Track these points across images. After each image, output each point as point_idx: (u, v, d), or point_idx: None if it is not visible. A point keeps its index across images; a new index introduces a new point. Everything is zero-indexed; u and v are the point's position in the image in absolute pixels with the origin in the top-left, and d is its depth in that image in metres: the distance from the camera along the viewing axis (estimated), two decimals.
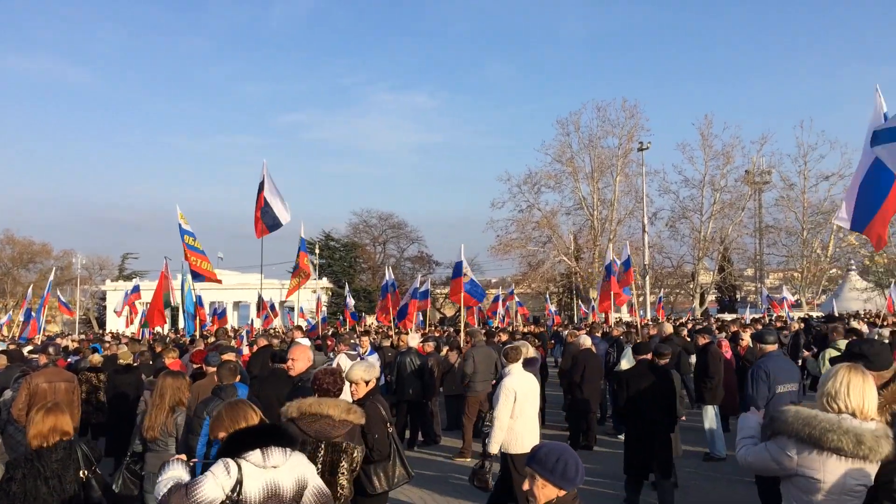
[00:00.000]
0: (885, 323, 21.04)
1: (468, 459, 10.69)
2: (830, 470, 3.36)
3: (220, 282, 18.78)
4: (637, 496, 7.91)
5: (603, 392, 13.01)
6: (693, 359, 12.54)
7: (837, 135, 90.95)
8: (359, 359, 10.36)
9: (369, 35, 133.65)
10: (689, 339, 14.51)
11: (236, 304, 64.86)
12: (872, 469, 3.37)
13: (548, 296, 43.40)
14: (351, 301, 29.41)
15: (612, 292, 19.25)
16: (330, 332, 25.81)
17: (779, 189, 47.79)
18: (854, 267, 48.15)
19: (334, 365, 9.73)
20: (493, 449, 7.06)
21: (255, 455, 3.49)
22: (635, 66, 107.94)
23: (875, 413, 3.47)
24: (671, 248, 48.89)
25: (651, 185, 46.32)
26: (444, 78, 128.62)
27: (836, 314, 29.73)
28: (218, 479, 3.37)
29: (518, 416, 7.14)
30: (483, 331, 16.02)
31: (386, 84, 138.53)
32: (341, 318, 27.35)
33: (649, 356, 8.47)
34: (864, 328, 13.53)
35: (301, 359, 6.72)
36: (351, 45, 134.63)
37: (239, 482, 3.38)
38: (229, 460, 3.44)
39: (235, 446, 3.54)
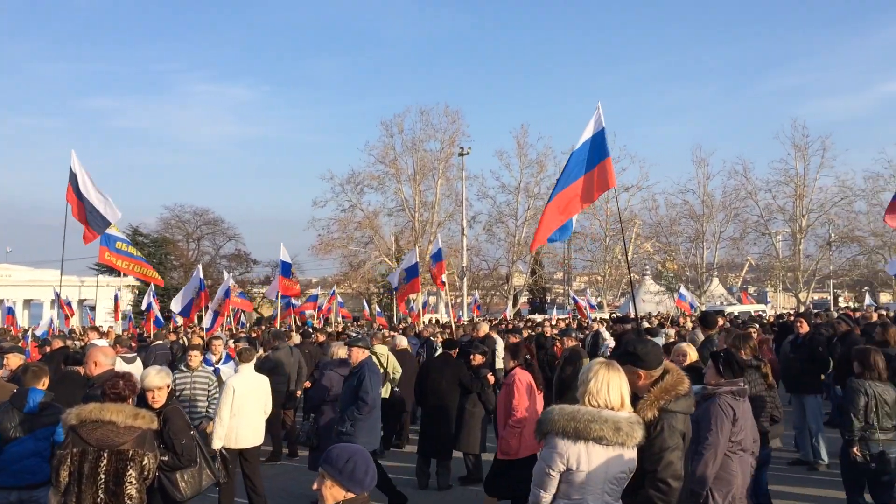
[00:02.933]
0: (674, 324, 23.06)
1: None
2: (595, 459, 3.64)
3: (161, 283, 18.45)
4: (424, 477, 9.07)
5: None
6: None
7: (636, 150, 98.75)
8: (138, 363, 9.87)
9: (186, 21, 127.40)
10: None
11: (27, 302, 59.26)
12: (630, 455, 3.73)
13: (368, 297, 43.63)
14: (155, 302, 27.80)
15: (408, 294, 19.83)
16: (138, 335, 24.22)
17: None
18: (649, 272, 52.62)
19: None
20: (216, 444, 7.40)
21: None
22: (459, 75, 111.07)
23: (629, 406, 3.84)
24: (488, 252, 50.84)
25: (470, 189, 47.90)
26: (267, 71, 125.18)
27: (632, 315, 32.14)
28: None
29: (236, 413, 7.58)
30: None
31: (204, 73, 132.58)
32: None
33: (453, 352, 9.96)
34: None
35: (100, 362, 6.35)
36: (166, 29, 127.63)
37: None
38: None
39: None
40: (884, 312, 21.52)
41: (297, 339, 14.71)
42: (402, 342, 12.86)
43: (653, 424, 3.96)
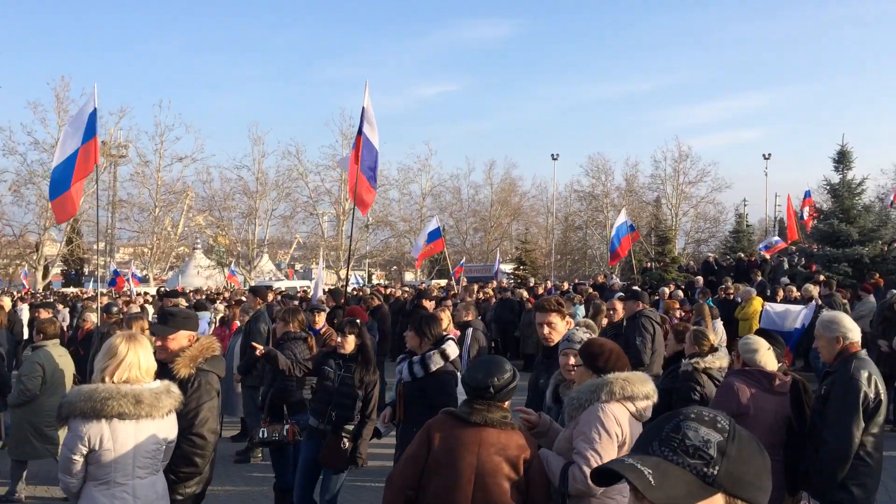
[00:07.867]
0: (231, 301, 23.06)
1: None
2: (120, 436, 3.57)
3: None
4: None
5: None
6: None
7: (192, 119, 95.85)
8: None
9: None
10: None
11: None
12: (162, 425, 3.73)
13: None
14: None
15: None
16: None
17: (134, 164, 47.87)
18: (200, 246, 51.64)
19: None
20: None
21: None
22: None
23: (153, 375, 3.83)
24: (14, 216, 44.14)
25: None
26: None
27: (181, 289, 31.39)
28: None
29: None
30: None
31: None
32: None
33: None
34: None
35: None
36: None
37: None
38: None
39: None
40: (407, 289, 24.63)
41: None
42: None
43: (189, 381, 4.09)
